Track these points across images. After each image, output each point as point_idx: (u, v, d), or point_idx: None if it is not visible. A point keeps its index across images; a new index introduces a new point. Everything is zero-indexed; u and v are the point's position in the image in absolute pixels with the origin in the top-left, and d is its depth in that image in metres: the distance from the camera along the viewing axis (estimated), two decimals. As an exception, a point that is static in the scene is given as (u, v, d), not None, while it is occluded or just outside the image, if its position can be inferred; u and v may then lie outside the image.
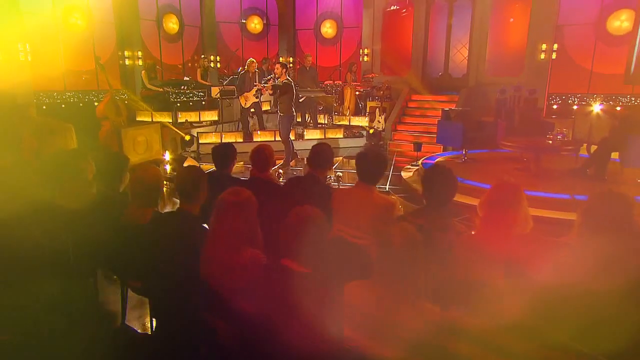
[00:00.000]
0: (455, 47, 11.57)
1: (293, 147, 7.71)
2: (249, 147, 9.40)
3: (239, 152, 8.83)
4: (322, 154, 3.21)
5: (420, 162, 7.03)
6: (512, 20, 10.89)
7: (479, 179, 5.52)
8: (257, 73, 9.39)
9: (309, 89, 10.20)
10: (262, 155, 3.32)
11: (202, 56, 12.79)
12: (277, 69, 7.28)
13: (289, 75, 7.41)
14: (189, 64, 12.83)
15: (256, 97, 9.39)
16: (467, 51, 11.32)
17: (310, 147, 3.33)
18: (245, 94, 9.36)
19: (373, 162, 2.85)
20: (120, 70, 10.73)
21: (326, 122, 11.07)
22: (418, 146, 7.08)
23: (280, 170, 6.60)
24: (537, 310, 1.69)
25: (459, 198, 5.39)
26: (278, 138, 9.19)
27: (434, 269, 2.02)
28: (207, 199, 2.50)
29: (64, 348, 2.36)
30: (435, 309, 1.78)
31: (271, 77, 7.50)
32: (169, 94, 9.25)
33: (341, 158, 9.48)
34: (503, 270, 1.95)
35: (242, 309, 1.86)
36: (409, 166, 7.29)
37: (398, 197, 6.17)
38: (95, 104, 10.17)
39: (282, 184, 3.43)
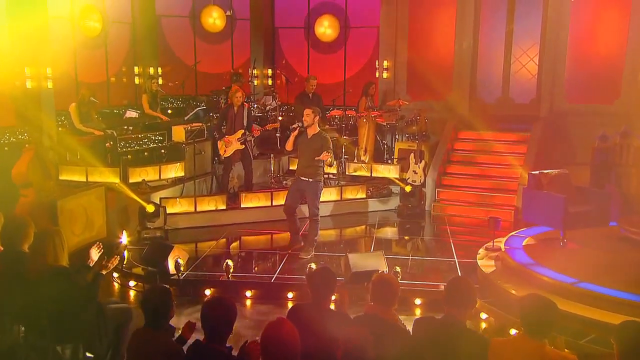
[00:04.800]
0: (519, 61, 12.87)
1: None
2: (235, 217, 10.28)
3: (224, 225, 9.60)
4: (464, 291, 3.94)
5: (502, 244, 7.93)
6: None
7: (601, 281, 6.36)
8: (244, 108, 10.17)
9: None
10: (391, 289, 4.03)
11: (136, 71, 13.49)
12: (308, 115, 8.01)
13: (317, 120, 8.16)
14: (112, 79, 13.50)
15: (242, 144, 10.14)
16: (537, 66, 12.61)
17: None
18: (227, 137, 10.07)
19: (544, 310, 3.61)
20: (15, 96, 11.19)
21: (336, 172, 11.96)
22: (496, 224, 7.97)
23: (311, 265, 7.33)
24: None
25: (572, 309, 6.29)
26: (277, 202, 9.96)
27: None
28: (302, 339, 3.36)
29: None
30: None
31: (296, 127, 8.25)
32: (114, 140, 9.86)
33: (366, 227, 10.33)
34: None
35: None
36: (484, 251, 8.17)
37: (480, 302, 7.00)
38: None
39: (407, 327, 4.16)
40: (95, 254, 5.14)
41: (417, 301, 7.07)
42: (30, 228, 5.13)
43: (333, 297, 5.16)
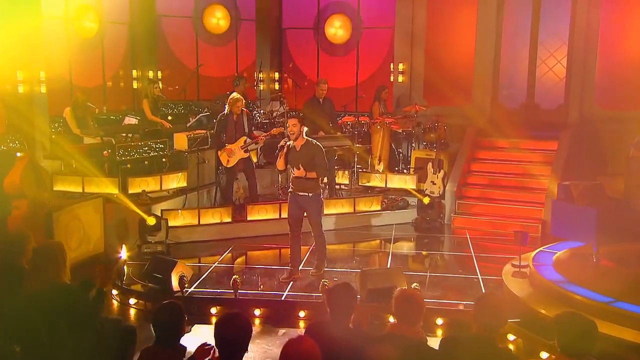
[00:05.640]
0: (546, 63, 12.88)
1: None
2: (241, 230, 10.33)
3: (230, 239, 9.61)
4: (494, 308, 3.97)
5: (529, 260, 7.88)
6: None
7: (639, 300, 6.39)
8: (244, 115, 10.28)
9: (322, 133, 11.11)
10: (416, 305, 4.08)
11: (134, 74, 13.58)
12: (295, 125, 7.79)
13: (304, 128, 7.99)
14: (109, 84, 13.60)
15: (245, 152, 10.23)
16: (565, 69, 12.63)
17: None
18: (229, 147, 10.16)
19: (584, 330, 3.68)
20: (7, 101, 11.28)
21: (348, 182, 12.00)
22: (523, 238, 7.97)
23: (325, 281, 7.35)
24: None
25: (608, 330, 6.24)
26: (286, 215, 9.96)
27: None
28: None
29: None
30: None
31: (284, 144, 8.01)
32: (113, 149, 9.93)
33: (380, 242, 10.36)
34: None
35: None
36: (510, 267, 8.15)
37: (508, 323, 6.99)
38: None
39: (433, 346, 4.19)
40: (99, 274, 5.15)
41: (439, 321, 7.06)
42: (29, 243, 5.19)
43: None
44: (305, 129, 8.01)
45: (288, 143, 7.96)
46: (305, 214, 8.18)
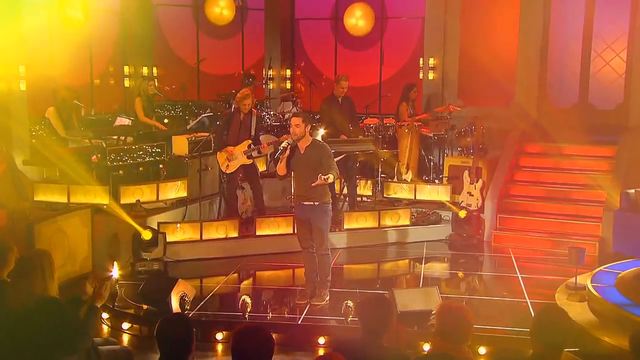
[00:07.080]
0: (602, 56, 12.78)
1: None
2: (249, 247, 10.28)
3: (236, 257, 9.54)
4: (558, 323, 3.97)
5: (587, 281, 7.77)
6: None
7: None
8: (253, 116, 10.23)
9: (343, 137, 11.07)
10: (463, 322, 4.02)
11: (126, 71, 13.61)
12: (298, 125, 7.65)
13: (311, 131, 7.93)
14: (97, 81, 13.64)
15: (248, 157, 10.20)
16: (625, 63, 12.49)
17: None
18: (229, 148, 10.15)
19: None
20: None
21: (371, 193, 11.93)
22: (579, 255, 7.86)
23: (348, 302, 7.26)
24: None
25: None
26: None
27: None
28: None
29: None
30: None
31: (286, 145, 7.82)
32: (103, 153, 9.92)
33: (410, 261, 10.28)
34: None
35: None
36: (564, 289, 8.01)
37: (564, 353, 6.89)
38: None
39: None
40: (91, 289, 5.11)
41: (482, 350, 6.95)
42: (12, 253, 5.17)
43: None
44: (322, 131, 7.92)
45: (290, 143, 7.85)
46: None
